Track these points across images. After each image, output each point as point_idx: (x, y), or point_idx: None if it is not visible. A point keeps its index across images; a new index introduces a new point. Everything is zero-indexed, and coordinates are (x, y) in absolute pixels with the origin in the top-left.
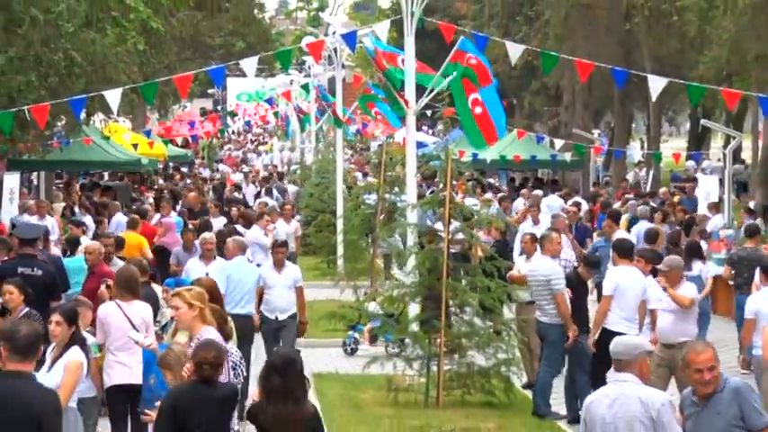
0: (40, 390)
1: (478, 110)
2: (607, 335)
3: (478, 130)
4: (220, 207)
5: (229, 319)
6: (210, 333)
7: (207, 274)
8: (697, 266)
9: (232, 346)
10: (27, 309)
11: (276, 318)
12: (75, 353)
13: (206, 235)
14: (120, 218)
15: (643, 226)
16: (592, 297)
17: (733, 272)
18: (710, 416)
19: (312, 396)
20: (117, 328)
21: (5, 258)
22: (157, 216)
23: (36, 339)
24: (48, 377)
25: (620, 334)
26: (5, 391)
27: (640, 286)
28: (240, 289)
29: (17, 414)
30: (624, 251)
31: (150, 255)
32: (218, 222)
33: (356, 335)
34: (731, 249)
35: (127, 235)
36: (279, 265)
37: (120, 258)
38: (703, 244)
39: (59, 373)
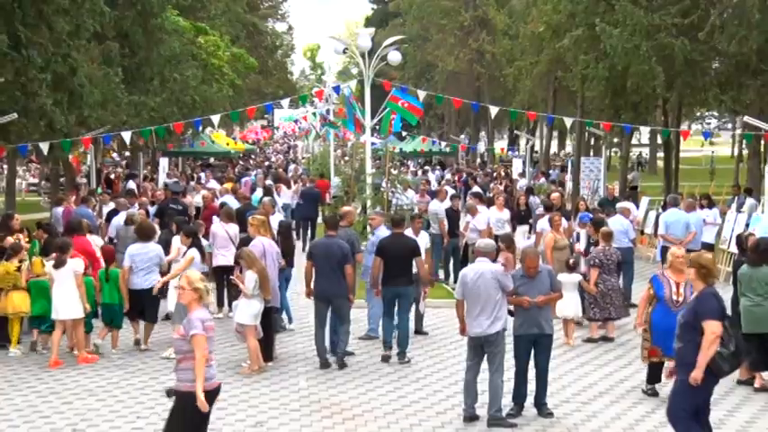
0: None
1: (391, 119)
2: (469, 241)
3: (387, 128)
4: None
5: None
6: (263, 239)
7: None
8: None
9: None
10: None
11: None
12: (192, 251)
13: None
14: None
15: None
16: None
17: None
18: (538, 285)
19: None
20: (221, 237)
21: (164, 199)
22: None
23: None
24: (180, 262)
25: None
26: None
27: (486, 216)
28: None
29: None
30: (476, 197)
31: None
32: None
33: None
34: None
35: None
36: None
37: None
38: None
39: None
